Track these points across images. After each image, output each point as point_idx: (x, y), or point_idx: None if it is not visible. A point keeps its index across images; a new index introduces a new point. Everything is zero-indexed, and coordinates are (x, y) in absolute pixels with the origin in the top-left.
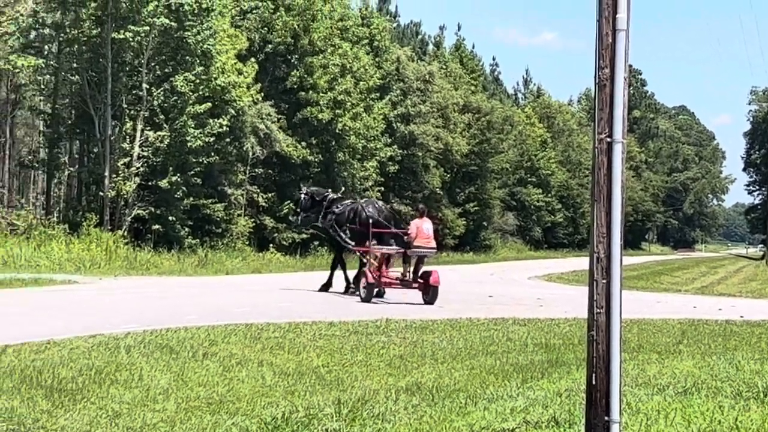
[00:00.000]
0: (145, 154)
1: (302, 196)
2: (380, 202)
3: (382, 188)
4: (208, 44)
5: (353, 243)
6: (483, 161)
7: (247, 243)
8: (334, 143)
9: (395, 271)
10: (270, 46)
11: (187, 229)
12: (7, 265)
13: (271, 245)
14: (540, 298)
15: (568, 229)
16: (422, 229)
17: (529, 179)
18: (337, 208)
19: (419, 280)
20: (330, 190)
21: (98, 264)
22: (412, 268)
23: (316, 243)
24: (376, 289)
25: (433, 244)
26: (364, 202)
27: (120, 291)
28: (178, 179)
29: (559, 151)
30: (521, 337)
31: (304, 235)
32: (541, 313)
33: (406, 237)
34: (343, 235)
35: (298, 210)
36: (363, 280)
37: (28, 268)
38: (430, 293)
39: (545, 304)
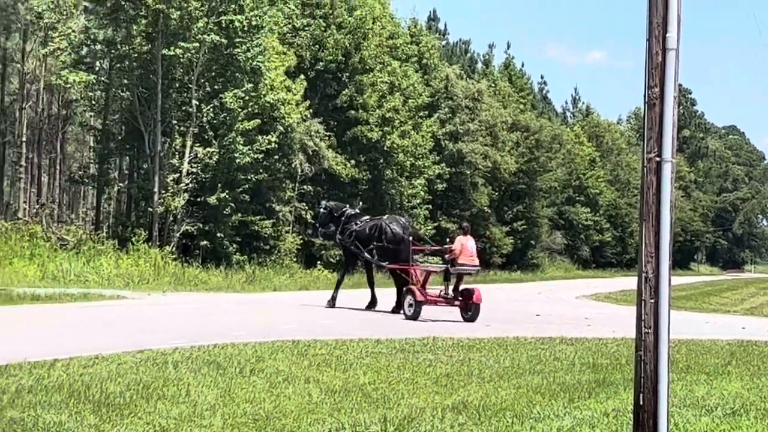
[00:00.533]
0: (194, 170)
1: (321, 210)
2: (403, 219)
3: (430, 206)
4: (258, 61)
5: (386, 261)
6: (531, 180)
7: (294, 260)
8: (382, 161)
9: (433, 288)
10: (321, 63)
11: (235, 246)
12: (56, 280)
13: (318, 262)
14: (588, 318)
15: (616, 249)
16: (467, 246)
17: (578, 198)
18: (356, 224)
19: (459, 297)
20: (348, 205)
21: (147, 279)
22: (452, 286)
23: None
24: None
25: (477, 261)
26: (388, 220)
27: (168, 307)
28: (227, 195)
29: (608, 170)
30: (568, 356)
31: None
32: (588, 332)
33: (448, 254)
34: (367, 254)
35: (317, 224)
36: (409, 298)
37: (77, 283)
38: (472, 310)
39: (593, 323)
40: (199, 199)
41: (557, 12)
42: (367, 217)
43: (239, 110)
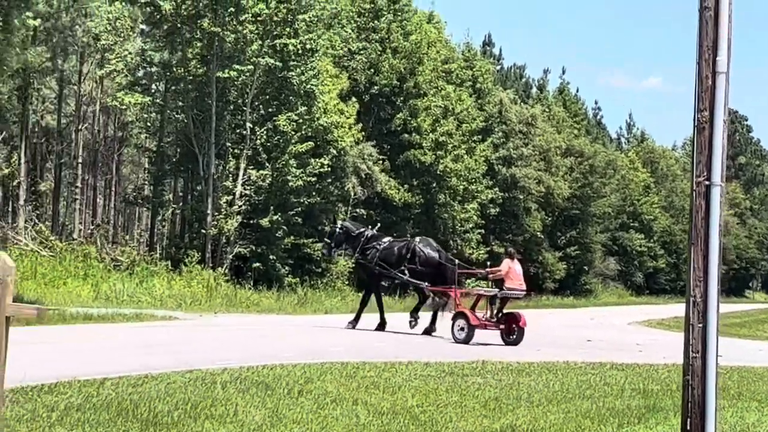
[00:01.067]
0: (248, 192)
1: (336, 229)
2: (433, 241)
3: (483, 230)
4: (312, 84)
5: (426, 283)
6: (585, 205)
7: (346, 283)
8: (435, 185)
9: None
10: (375, 87)
11: (287, 268)
12: (109, 300)
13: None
14: (639, 344)
15: (670, 275)
16: (514, 270)
17: (632, 224)
18: (380, 244)
19: (503, 321)
20: (369, 226)
21: (199, 301)
22: (496, 309)
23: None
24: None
25: (524, 285)
26: (421, 243)
27: (219, 328)
28: (279, 218)
29: (663, 197)
30: (618, 381)
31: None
32: (639, 358)
33: (491, 275)
34: (399, 274)
35: (331, 243)
36: (461, 322)
37: (130, 303)
38: (516, 335)
39: (644, 349)
40: (251, 222)
41: (614, 37)
42: (389, 238)
43: (292, 133)
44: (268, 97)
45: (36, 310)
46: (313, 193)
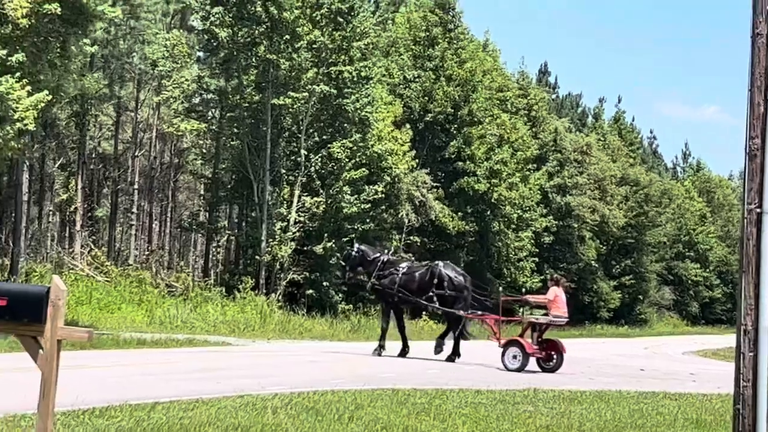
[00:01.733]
0: (302, 219)
1: (353, 253)
2: (454, 265)
3: (537, 259)
4: (366, 111)
5: (465, 310)
6: (640, 234)
7: None
8: (489, 213)
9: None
10: (429, 115)
11: (340, 295)
12: (163, 326)
13: (423, 313)
14: (693, 373)
15: (726, 305)
16: (560, 298)
17: (687, 254)
18: (398, 269)
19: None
20: (386, 250)
21: (252, 327)
22: (537, 336)
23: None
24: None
25: (567, 313)
26: (445, 267)
27: (272, 354)
28: (333, 245)
29: (719, 226)
30: (671, 411)
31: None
32: (693, 388)
33: (534, 302)
34: (425, 302)
35: (346, 266)
36: (514, 350)
37: (183, 329)
38: (555, 361)
39: (698, 379)
40: (305, 248)
41: (670, 66)
42: (407, 263)
43: (346, 160)
44: (322, 124)
45: (87, 333)
46: (367, 220)
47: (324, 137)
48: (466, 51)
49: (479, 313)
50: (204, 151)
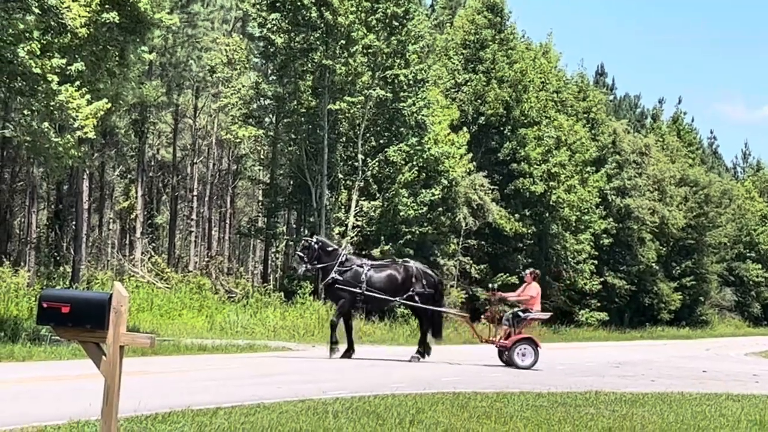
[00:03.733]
0: (359, 223)
1: (313, 243)
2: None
3: (596, 261)
4: (423, 115)
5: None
6: (700, 235)
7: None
8: (547, 215)
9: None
10: (482, 117)
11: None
12: (223, 331)
13: (482, 317)
14: (756, 375)
15: None
16: (540, 295)
17: (748, 254)
18: (361, 266)
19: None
20: (343, 245)
21: (312, 332)
22: (505, 331)
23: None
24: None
25: None
26: (418, 265)
27: (332, 359)
28: (391, 249)
29: None
30: (734, 413)
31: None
32: (756, 389)
33: (515, 299)
34: (412, 302)
35: (305, 258)
36: (524, 347)
37: (243, 334)
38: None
39: (761, 380)
40: (363, 252)
41: (730, 67)
42: (368, 261)
43: (403, 163)
44: (379, 128)
45: (149, 339)
46: (425, 224)
47: (381, 141)
48: (516, 51)
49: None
50: (262, 157)
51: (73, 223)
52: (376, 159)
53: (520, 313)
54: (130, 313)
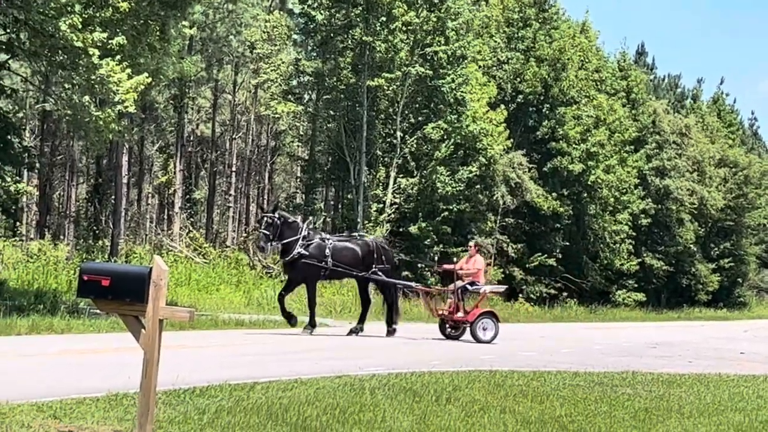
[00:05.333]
0: (397, 200)
1: (276, 220)
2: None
3: (633, 242)
4: (461, 92)
5: (414, 283)
6: (739, 216)
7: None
8: (585, 195)
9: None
10: (521, 96)
11: (436, 277)
12: (261, 307)
13: (519, 295)
14: None
15: None
16: (484, 267)
17: None
18: (323, 240)
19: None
20: (299, 217)
21: (349, 308)
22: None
23: (566, 294)
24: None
25: None
26: (377, 240)
27: (369, 335)
28: (428, 226)
29: None
30: None
31: (552, 290)
32: None
33: (464, 272)
34: (379, 276)
35: (270, 234)
36: (486, 321)
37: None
38: (461, 331)
39: None
40: (401, 230)
41: None
42: (328, 235)
43: (441, 141)
44: (417, 105)
45: (188, 313)
46: (462, 201)
47: (419, 119)
48: (558, 31)
49: (419, 285)
50: (301, 133)
51: (112, 197)
52: (415, 136)
53: (468, 286)
54: (168, 288)
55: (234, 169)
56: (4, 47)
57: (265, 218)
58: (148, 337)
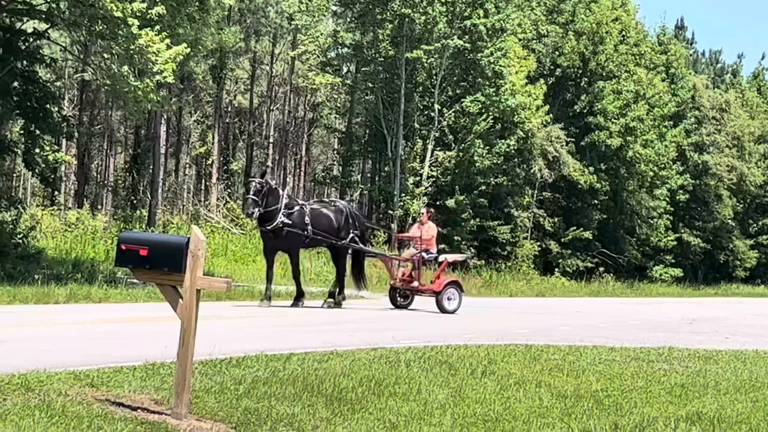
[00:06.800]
0: (434, 173)
1: (264, 185)
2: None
3: (671, 217)
4: (500, 65)
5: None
6: None
7: (531, 266)
8: (623, 170)
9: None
10: (559, 69)
11: (472, 250)
12: None
13: (556, 269)
14: None
15: None
16: (437, 234)
17: None
18: (302, 207)
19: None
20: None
21: (385, 280)
22: (414, 272)
23: (602, 269)
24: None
25: None
26: (347, 207)
27: (415, 309)
28: (465, 199)
29: None
30: None
31: (589, 263)
32: None
33: (412, 240)
34: (358, 245)
35: (258, 200)
36: (452, 291)
37: (317, 282)
38: (410, 300)
39: None
40: (438, 203)
41: None
42: (302, 202)
43: (479, 114)
44: (456, 78)
45: (226, 283)
46: (499, 175)
47: (457, 91)
48: (597, 5)
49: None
50: (338, 105)
51: (150, 167)
52: (452, 109)
53: (424, 254)
54: (205, 258)
55: (271, 140)
56: (44, 17)
57: (254, 183)
58: (186, 307)
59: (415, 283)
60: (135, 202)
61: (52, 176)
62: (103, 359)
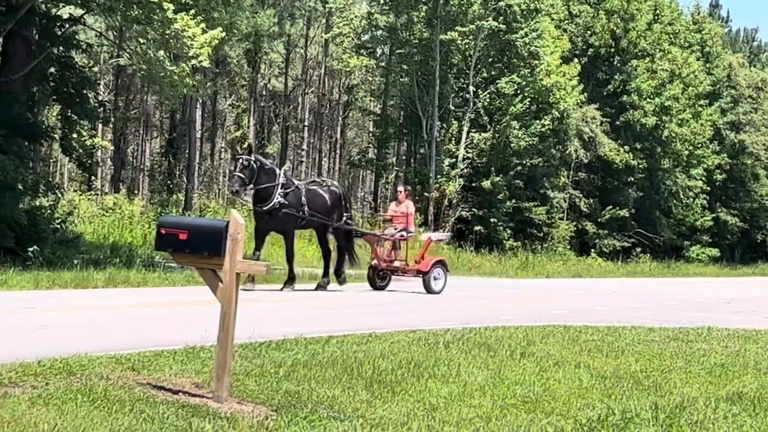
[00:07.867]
0: (470, 155)
1: (253, 163)
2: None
3: (707, 197)
4: (535, 45)
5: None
6: None
7: (568, 247)
8: (659, 150)
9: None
10: (591, 49)
11: (508, 231)
12: (333, 261)
13: (592, 250)
14: None
15: None
16: (414, 212)
17: None
18: (298, 187)
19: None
20: (275, 163)
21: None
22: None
23: (639, 250)
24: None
25: None
26: (339, 187)
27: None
28: (501, 180)
29: None
30: None
31: (626, 243)
32: None
33: (394, 215)
34: (351, 226)
35: (245, 180)
36: (439, 271)
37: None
38: (387, 282)
39: None
40: (473, 185)
41: None
42: (297, 181)
43: (515, 95)
44: (491, 59)
45: (265, 267)
46: (535, 156)
47: (492, 73)
48: None
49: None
50: (373, 87)
51: (186, 151)
52: (488, 91)
53: (404, 233)
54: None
55: (306, 123)
56: (79, 2)
57: (241, 160)
58: (225, 291)
59: (397, 263)
60: (171, 186)
61: (89, 161)
62: (143, 343)
